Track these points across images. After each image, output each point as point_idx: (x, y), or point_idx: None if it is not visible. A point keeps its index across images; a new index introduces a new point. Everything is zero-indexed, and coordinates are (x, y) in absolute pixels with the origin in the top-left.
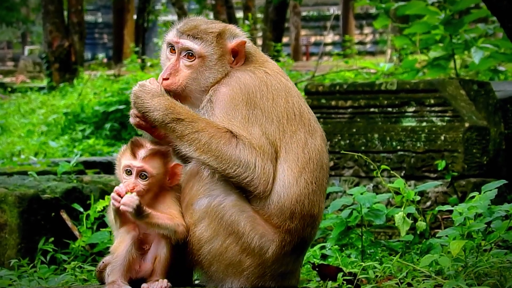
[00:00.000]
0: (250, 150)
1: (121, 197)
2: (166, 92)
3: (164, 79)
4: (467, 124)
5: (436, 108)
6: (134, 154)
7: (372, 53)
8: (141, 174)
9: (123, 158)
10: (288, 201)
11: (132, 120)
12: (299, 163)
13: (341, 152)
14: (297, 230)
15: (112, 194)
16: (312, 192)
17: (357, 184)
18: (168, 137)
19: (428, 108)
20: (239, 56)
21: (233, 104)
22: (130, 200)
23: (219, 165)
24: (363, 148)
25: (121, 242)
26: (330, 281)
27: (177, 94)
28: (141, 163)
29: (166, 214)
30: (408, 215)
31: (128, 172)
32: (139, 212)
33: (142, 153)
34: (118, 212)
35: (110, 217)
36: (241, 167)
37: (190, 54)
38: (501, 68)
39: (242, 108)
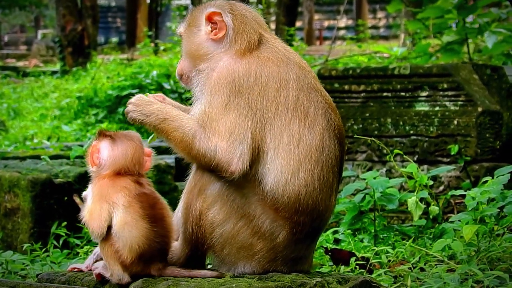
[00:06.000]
0: (211, 136)
1: None
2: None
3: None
4: (480, 109)
5: (449, 93)
6: None
7: (385, 38)
8: None
9: None
10: (287, 199)
11: None
12: (294, 161)
13: (354, 136)
14: (306, 222)
15: None
16: (313, 190)
17: (370, 169)
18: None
19: (441, 93)
20: (218, 26)
21: (216, 89)
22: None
23: (195, 161)
24: (376, 132)
25: None
26: (343, 266)
27: (187, 78)
28: None
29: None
30: (421, 199)
31: None
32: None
33: None
34: None
35: None
36: (206, 157)
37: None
38: None
39: (223, 94)
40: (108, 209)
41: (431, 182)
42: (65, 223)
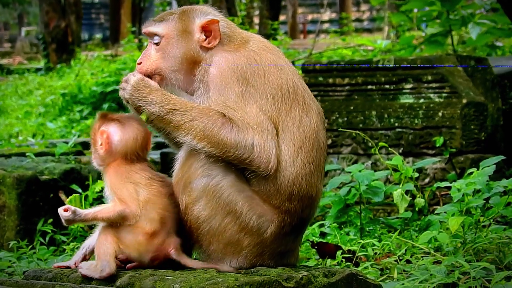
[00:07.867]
0: (246, 130)
1: None
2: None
3: (138, 64)
4: (464, 100)
5: (434, 85)
6: None
7: (369, 30)
8: None
9: None
10: (285, 182)
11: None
12: (296, 143)
13: (339, 129)
14: (296, 211)
15: None
16: (309, 172)
17: (355, 162)
18: (165, 129)
19: (426, 85)
20: (212, 35)
21: (225, 83)
22: (60, 213)
23: (217, 151)
24: (361, 125)
25: None
26: (329, 259)
27: (161, 78)
28: None
29: (105, 205)
30: (407, 192)
31: None
32: (68, 222)
33: None
34: None
35: None
36: (238, 149)
37: (156, 37)
38: (498, 44)
39: (234, 86)
40: (135, 188)
41: (416, 174)
42: (51, 220)
